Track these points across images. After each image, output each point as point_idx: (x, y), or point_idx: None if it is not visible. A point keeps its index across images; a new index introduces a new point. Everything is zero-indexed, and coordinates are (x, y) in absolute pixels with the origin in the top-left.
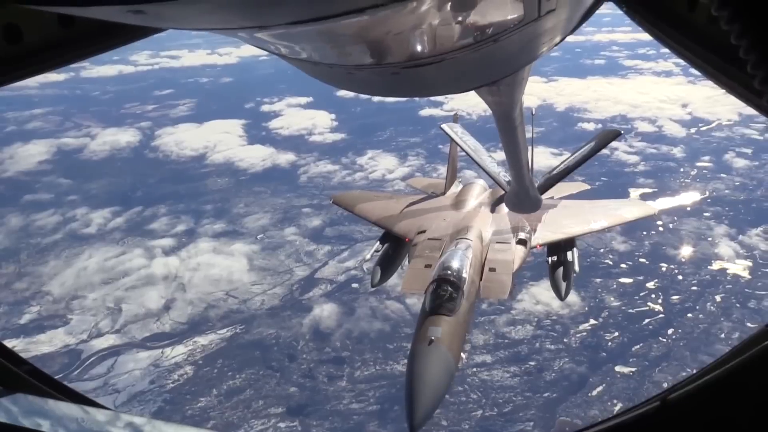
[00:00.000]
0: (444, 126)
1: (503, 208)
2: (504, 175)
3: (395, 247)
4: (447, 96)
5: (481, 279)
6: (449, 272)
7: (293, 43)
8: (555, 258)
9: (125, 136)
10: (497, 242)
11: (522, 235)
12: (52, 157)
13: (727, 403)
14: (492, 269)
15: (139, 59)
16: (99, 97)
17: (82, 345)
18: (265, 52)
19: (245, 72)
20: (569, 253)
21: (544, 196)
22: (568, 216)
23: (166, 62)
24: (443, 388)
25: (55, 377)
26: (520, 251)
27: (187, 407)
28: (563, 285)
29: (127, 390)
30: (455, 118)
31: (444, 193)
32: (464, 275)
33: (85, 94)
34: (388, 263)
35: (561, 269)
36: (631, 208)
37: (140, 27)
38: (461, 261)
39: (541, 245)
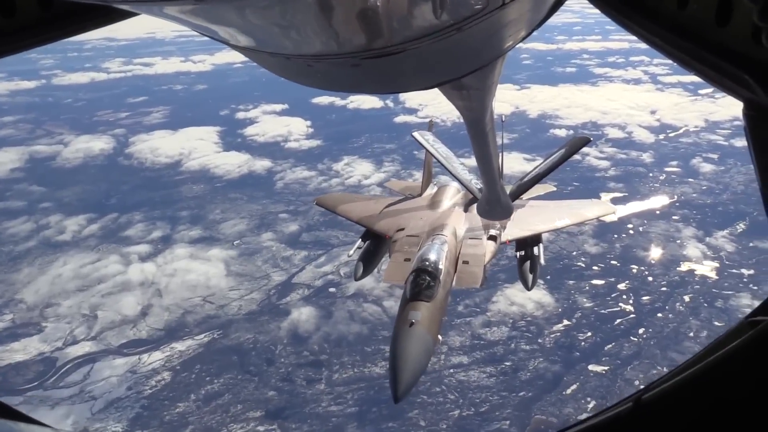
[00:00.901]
0: (415, 134)
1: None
2: (475, 182)
3: (376, 244)
4: (421, 103)
5: (455, 270)
6: (427, 263)
7: (243, 28)
8: (522, 252)
9: (99, 143)
10: (470, 238)
11: (492, 232)
12: (24, 164)
13: (704, 401)
14: (465, 262)
15: (111, 66)
16: (71, 105)
17: (57, 353)
18: (239, 60)
19: (219, 79)
20: (536, 248)
21: (514, 203)
22: (534, 215)
23: (139, 69)
24: (423, 364)
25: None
26: (490, 246)
27: (165, 413)
28: (530, 277)
29: (104, 397)
30: (430, 126)
31: (420, 195)
32: (440, 266)
33: (57, 101)
34: (369, 258)
35: (528, 263)
36: (592, 207)
37: (115, 9)
38: (438, 254)
39: (509, 241)
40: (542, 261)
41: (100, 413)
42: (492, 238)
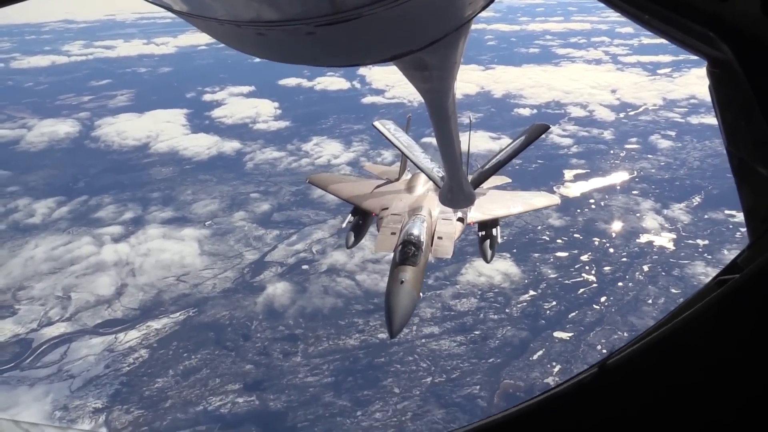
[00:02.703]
0: (376, 123)
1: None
2: (437, 171)
3: (363, 219)
4: (388, 84)
5: (432, 244)
6: (412, 237)
7: None
8: (483, 233)
9: (64, 127)
10: (442, 218)
11: (460, 214)
12: None
13: (671, 364)
14: (440, 237)
15: (71, 49)
16: (32, 89)
17: (32, 334)
18: (203, 42)
19: (184, 62)
20: (494, 230)
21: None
22: (493, 202)
23: (100, 52)
24: (410, 311)
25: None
26: (459, 226)
27: (145, 389)
28: (489, 252)
29: (82, 375)
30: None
31: (398, 179)
32: (422, 239)
33: (17, 85)
34: (358, 230)
35: (488, 241)
36: (540, 198)
37: None
38: (419, 229)
39: (473, 222)
40: (499, 240)
41: (79, 391)
42: (460, 219)
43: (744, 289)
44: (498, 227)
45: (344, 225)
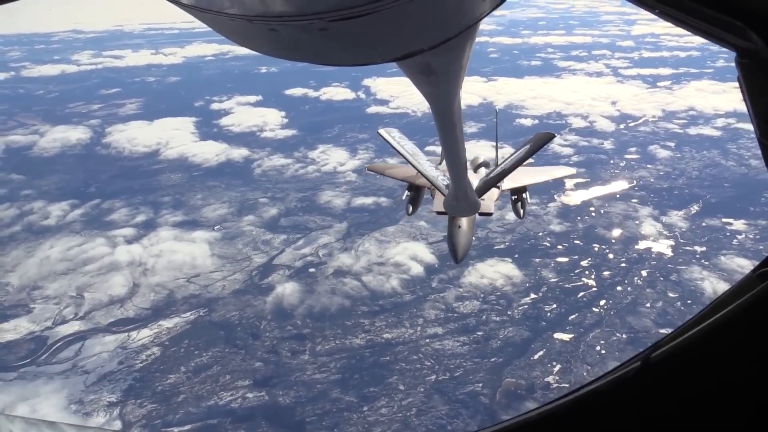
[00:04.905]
0: (381, 131)
1: (482, 170)
2: (442, 179)
3: (417, 192)
4: (392, 94)
5: None
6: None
7: None
8: (515, 197)
9: (76, 133)
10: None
11: (498, 184)
12: (1, 154)
13: (714, 359)
14: (482, 198)
15: (81, 59)
16: (43, 96)
17: (47, 332)
18: (211, 52)
19: (192, 72)
20: (524, 194)
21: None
22: (523, 173)
23: (109, 62)
24: (468, 246)
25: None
26: (496, 191)
27: (158, 384)
28: (521, 211)
29: (97, 371)
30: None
31: (440, 164)
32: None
33: (28, 93)
34: (414, 201)
35: (519, 203)
36: (559, 170)
37: None
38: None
39: (507, 189)
40: (529, 201)
41: (94, 386)
42: (497, 186)
43: None
44: (527, 192)
45: (404, 197)
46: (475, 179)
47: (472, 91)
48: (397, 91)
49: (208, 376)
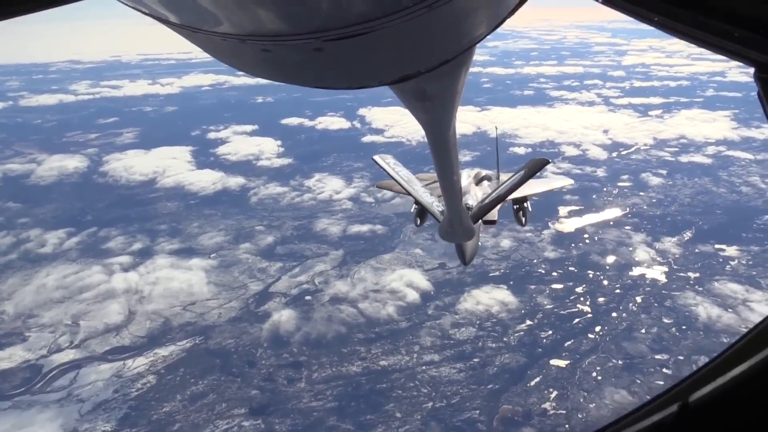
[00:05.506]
0: (376, 158)
1: (485, 183)
2: (437, 205)
3: (423, 207)
4: (387, 124)
5: None
6: (467, 204)
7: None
8: (517, 206)
9: (73, 162)
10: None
11: None
12: None
13: (761, 405)
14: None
15: (78, 89)
16: (41, 125)
17: (42, 360)
18: (208, 83)
19: (189, 101)
20: (525, 203)
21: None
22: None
23: (107, 92)
24: (475, 250)
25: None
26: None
27: (153, 413)
28: (523, 219)
29: (92, 399)
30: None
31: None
32: (473, 207)
33: (26, 122)
34: (422, 215)
35: (521, 212)
36: (557, 181)
37: None
38: (473, 200)
39: (509, 199)
40: (529, 209)
41: (89, 414)
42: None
43: None
44: (528, 202)
45: (412, 210)
46: (478, 191)
47: (467, 120)
48: (392, 121)
49: (204, 404)
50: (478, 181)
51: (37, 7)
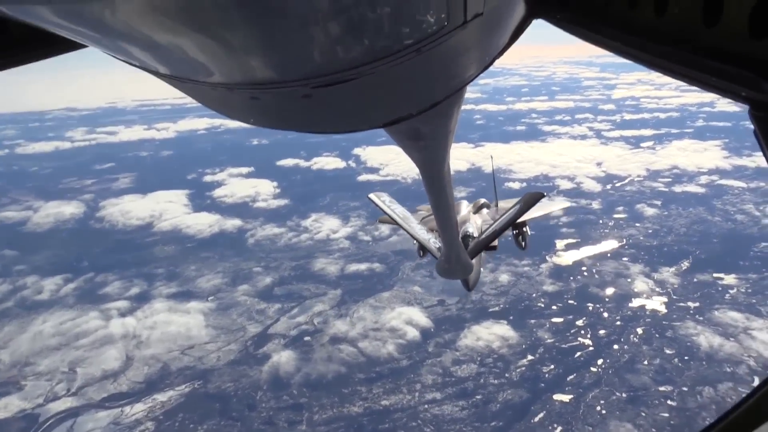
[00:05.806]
0: (371, 196)
1: (484, 211)
2: (434, 242)
3: None
4: (382, 162)
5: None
6: (468, 233)
7: (180, 52)
8: (516, 231)
9: (69, 208)
10: (485, 223)
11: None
12: None
13: None
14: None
15: (74, 135)
16: (37, 173)
17: (38, 409)
18: (203, 126)
19: (184, 146)
20: (524, 228)
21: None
22: None
23: (103, 138)
24: (478, 274)
25: None
26: None
27: None
28: (523, 243)
29: None
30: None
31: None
32: (474, 234)
33: (22, 170)
34: (423, 249)
35: (521, 236)
36: (555, 204)
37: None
38: (473, 228)
39: None
40: (529, 233)
41: None
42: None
43: None
44: (527, 226)
45: (414, 243)
46: (477, 219)
47: (460, 156)
48: (387, 159)
49: None
50: (477, 209)
51: (33, 57)
